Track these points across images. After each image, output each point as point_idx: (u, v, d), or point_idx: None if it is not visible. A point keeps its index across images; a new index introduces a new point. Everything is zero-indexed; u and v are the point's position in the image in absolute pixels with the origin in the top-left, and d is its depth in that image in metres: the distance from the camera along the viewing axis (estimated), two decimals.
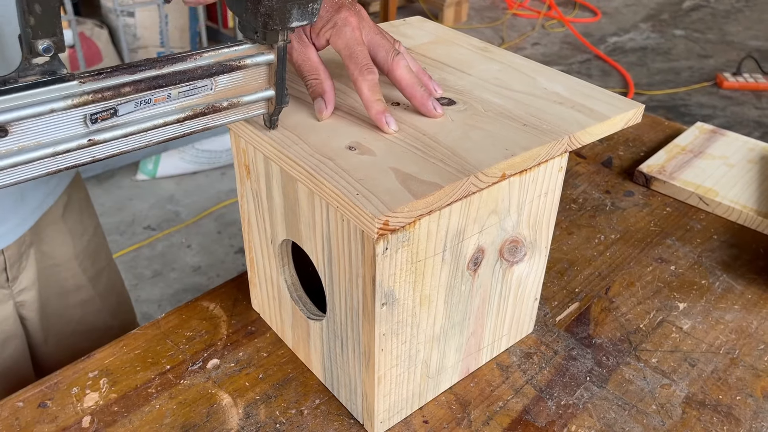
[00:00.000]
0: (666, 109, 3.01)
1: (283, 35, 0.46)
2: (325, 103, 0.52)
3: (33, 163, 0.40)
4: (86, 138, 0.41)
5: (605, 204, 0.88)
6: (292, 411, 0.58)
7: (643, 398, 0.61)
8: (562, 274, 0.76)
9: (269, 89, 0.49)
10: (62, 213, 0.75)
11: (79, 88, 0.39)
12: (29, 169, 0.40)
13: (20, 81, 0.38)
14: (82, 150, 0.41)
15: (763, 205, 0.85)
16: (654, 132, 1.06)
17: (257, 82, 0.48)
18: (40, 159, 0.39)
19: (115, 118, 0.41)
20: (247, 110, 0.49)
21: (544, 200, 0.57)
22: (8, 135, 0.38)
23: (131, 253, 2.05)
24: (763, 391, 0.62)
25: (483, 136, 0.50)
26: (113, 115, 0.41)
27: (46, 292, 0.74)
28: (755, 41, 3.73)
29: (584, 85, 0.59)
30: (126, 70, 0.41)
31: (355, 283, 0.49)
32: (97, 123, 0.41)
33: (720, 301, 0.72)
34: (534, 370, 0.63)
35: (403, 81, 0.53)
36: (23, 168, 0.39)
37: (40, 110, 0.38)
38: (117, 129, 0.42)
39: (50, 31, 0.37)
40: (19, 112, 0.38)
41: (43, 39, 0.37)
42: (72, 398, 0.59)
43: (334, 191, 0.43)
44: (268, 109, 0.50)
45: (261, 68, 0.48)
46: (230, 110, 0.47)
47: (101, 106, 0.41)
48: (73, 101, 0.39)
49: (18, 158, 0.39)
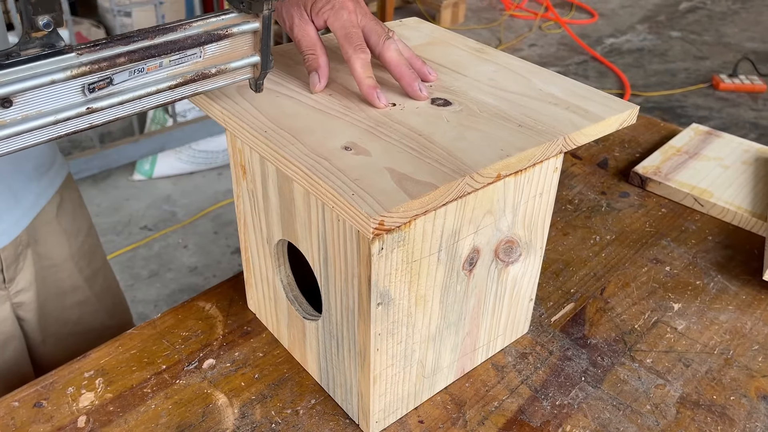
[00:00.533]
0: (662, 111, 3.02)
1: (268, 5, 0.49)
2: (318, 77, 0.56)
3: (36, 131, 0.42)
4: (84, 106, 0.43)
5: (601, 205, 0.89)
6: (288, 411, 0.58)
7: (638, 398, 0.61)
8: (557, 275, 0.76)
9: (255, 55, 0.51)
10: (56, 213, 0.75)
11: (77, 60, 0.41)
12: (32, 137, 0.42)
13: (22, 54, 0.40)
14: (81, 117, 0.43)
15: (758, 206, 0.85)
16: (649, 133, 1.06)
17: (243, 48, 0.50)
18: (42, 127, 0.42)
19: (111, 86, 0.44)
20: (234, 75, 0.51)
21: (540, 201, 0.57)
22: (13, 105, 0.40)
23: (128, 253, 2.05)
24: (757, 391, 0.62)
25: (478, 136, 0.50)
26: (109, 84, 0.44)
27: (43, 293, 0.74)
28: (751, 43, 3.74)
29: (579, 87, 0.59)
30: (120, 41, 0.44)
31: (350, 283, 0.49)
32: (94, 92, 0.43)
33: (714, 302, 0.73)
34: (529, 370, 0.64)
35: (393, 62, 0.56)
36: (27, 135, 0.42)
37: (41, 81, 0.40)
38: (113, 97, 0.44)
39: (49, 6, 0.39)
40: (22, 84, 0.40)
41: (43, 15, 0.39)
42: (68, 398, 0.59)
43: (330, 191, 0.43)
44: (254, 74, 0.52)
45: (247, 36, 0.50)
46: (218, 76, 0.50)
47: (98, 76, 0.43)
48: (72, 72, 0.41)
49: (22, 126, 0.41)
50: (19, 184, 0.68)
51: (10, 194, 0.67)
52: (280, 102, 0.54)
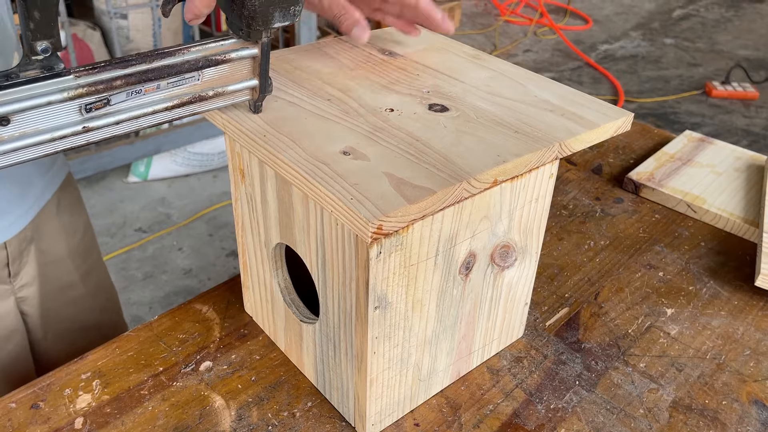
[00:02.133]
0: (656, 117, 3.04)
1: (267, 33, 0.50)
2: (361, 28, 0.61)
3: (32, 148, 0.44)
4: (81, 125, 0.45)
5: (595, 210, 0.89)
6: (284, 413, 0.59)
7: (631, 402, 0.62)
8: (552, 280, 0.77)
9: (253, 79, 0.52)
10: (56, 211, 0.76)
11: (74, 82, 0.43)
12: (29, 153, 0.44)
13: (21, 76, 0.41)
14: (77, 136, 0.45)
15: (750, 212, 0.86)
16: (643, 140, 1.07)
17: (242, 72, 0.52)
18: (39, 144, 0.44)
19: (108, 107, 0.46)
20: (232, 98, 0.52)
21: (535, 206, 0.58)
22: (11, 123, 0.42)
23: (122, 255, 2.04)
24: (749, 396, 0.63)
25: (475, 142, 0.51)
26: (106, 104, 0.45)
27: (45, 288, 0.76)
28: (744, 50, 3.77)
29: (574, 93, 0.60)
30: (118, 64, 0.45)
31: (348, 286, 0.50)
32: (91, 112, 0.45)
33: (707, 307, 0.74)
34: (524, 374, 0.64)
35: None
36: (23, 151, 0.43)
37: (38, 102, 0.42)
38: (110, 117, 0.46)
39: (48, 33, 0.40)
40: (20, 104, 0.42)
41: (42, 41, 0.40)
42: (65, 399, 0.59)
43: (329, 195, 0.44)
44: (252, 96, 0.53)
45: (246, 60, 0.51)
46: (216, 98, 0.51)
47: (95, 98, 0.45)
48: (69, 94, 0.43)
49: (19, 143, 0.43)
50: (24, 179, 0.70)
51: (16, 188, 0.69)
52: (278, 106, 0.54)
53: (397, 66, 0.63)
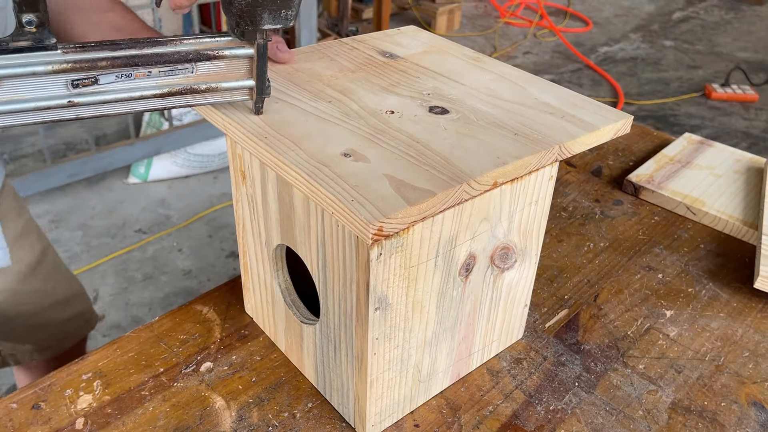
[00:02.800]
0: (655, 119, 3.04)
1: (262, 35, 0.50)
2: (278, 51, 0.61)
3: (19, 114, 0.46)
4: (66, 99, 0.47)
5: (595, 212, 0.90)
6: (285, 414, 0.59)
7: (630, 404, 0.62)
8: (551, 281, 0.77)
9: (250, 79, 0.52)
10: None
11: (61, 57, 0.46)
12: (16, 118, 0.46)
13: (10, 45, 0.44)
14: (63, 109, 0.47)
15: (749, 215, 0.87)
16: (643, 142, 1.07)
17: (239, 71, 0.52)
18: (24, 111, 0.46)
19: (96, 86, 0.48)
20: (228, 95, 0.53)
21: (535, 208, 0.58)
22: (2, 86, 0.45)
23: (122, 256, 2.04)
24: (748, 397, 0.63)
25: (475, 144, 0.51)
26: (94, 83, 0.47)
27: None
28: (743, 53, 3.78)
29: (574, 96, 0.60)
30: (107, 46, 0.47)
31: (348, 287, 0.50)
32: (78, 88, 0.47)
33: (706, 309, 0.74)
34: (523, 375, 0.64)
35: None
36: (10, 116, 0.46)
37: (21, 71, 0.45)
38: (97, 95, 0.48)
39: (34, 7, 0.43)
40: (6, 70, 0.44)
41: (27, 13, 0.43)
42: (65, 400, 0.60)
43: (330, 197, 0.44)
44: (251, 97, 0.53)
45: (243, 60, 0.52)
46: (209, 93, 0.52)
47: (81, 75, 0.47)
48: (53, 68, 0.46)
49: (5, 107, 0.46)
50: None
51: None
52: (279, 108, 0.55)
53: (397, 68, 0.63)
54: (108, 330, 1.79)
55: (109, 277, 1.97)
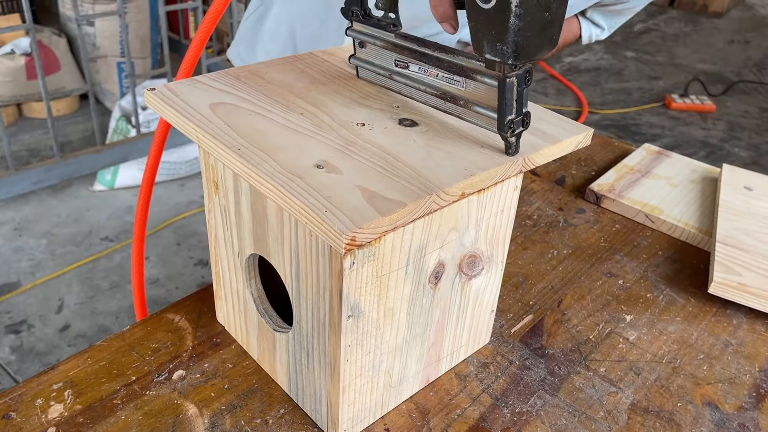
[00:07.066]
0: (618, 128, 3.12)
1: (500, 68, 0.50)
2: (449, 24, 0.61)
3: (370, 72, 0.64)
4: (389, 72, 0.62)
5: (558, 221, 0.93)
6: (258, 420, 0.60)
7: (592, 405, 0.64)
8: (517, 288, 0.79)
9: (493, 111, 0.53)
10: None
11: (390, 38, 0.60)
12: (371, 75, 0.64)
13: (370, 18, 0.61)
14: (387, 79, 0.62)
15: (704, 223, 0.90)
16: (605, 152, 1.11)
17: (493, 100, 0.53)
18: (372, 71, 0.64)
19: (407, 70, 0.60)
20: (479, 119, 0.56)
21: (501, 217, 0.60)
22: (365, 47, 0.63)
23: (88, 264, 2.02)
24: (702, 398, 0.66)
25: (444, 156, 0.53)
26: (406, 67, 0.60)
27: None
28: (702, 64, 3.90)
29: (537, 109, 0.62)
30: (414, 41, 0.59)
31: (322, 296, 0.51)
32: (398, 67, 0.61)
33: (663, 314, 0.77)
34: (490, 379, 0.66)
35: None
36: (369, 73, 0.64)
37: (371, 40, 0.62)
38: (406, 78, 0.60)
39: None
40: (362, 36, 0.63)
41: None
42: (36, 410, 0.59)
43: (304, 208, 0.45)
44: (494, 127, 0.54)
45: (494, 89, 0.52)
46: (465, 110, 0.57)
47: (398, 57, 0.60)
48: (383, 44, 0.61)
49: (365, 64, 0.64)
50: None
51: None
52: (251, 120, 0.56)
53: (368, 84, 0.65)
54: (74, 339, 1.77)
55: (75, 285, 1.94)
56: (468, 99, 0.55)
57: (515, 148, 0.53)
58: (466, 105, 0.56)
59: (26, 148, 2.55)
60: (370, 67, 0.63)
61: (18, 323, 1.81)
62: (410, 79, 0.60)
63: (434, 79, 0.58)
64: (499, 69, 0.50)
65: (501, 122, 0.52)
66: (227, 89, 0.60)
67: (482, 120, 0.55)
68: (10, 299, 1.89)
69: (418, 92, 0.60)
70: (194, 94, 0.59)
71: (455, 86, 0.56)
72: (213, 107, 0.57)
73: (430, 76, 0.58)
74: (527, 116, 0.52)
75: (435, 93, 0.58)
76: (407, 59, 0.59)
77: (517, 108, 0.51)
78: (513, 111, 0.51)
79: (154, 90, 0.59)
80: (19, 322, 1.82)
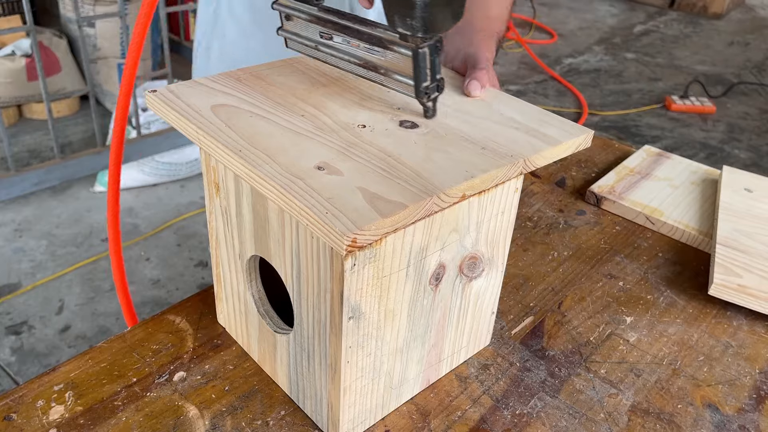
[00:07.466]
0: (618, 130, 3.12)
1: (415, 41, 0.55)
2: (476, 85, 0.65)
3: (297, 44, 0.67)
4: (315, 44, 0.65)
5: (558, 222, 0.93)
6: (258, 422, 0.60)
7: (593, 407, 0.64)
8: (517, 289, 0.79)
9: (410, 78, 0.58)
10: None
11: (314, 12, 0.63)
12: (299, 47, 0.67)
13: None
14: (313, 50, 0.65)
15: (704, 224, 0.91)
16: (605, 154, 1.11)
17: (409, 68, 0.57)
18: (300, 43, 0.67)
19: (331, 41, 0.63)
20: (398, 86, 0.60)
21: (501, 219, 0.60)
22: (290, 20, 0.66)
23: (89, 265, 2.02)
24: (702, 400, 0.66)
25: (444, 158, 0.53)
26: (330, 38, 0.63)
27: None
28: (702, 66, 3.90)
29: (538, 111, 0.62)
30: (337, 14, 0.62)
31: (323, 297, 0.51)
32: (323, 38, 0.64)
33: (664, 315, 0.77)
34: (491, 380, 0.66)
35: None
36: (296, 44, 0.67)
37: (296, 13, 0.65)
38: (331, 49, 0.63)
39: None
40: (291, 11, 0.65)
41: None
42: (37, 411, 0.60)
43: (305, 210, 0.45)
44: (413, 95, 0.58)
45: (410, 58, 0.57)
46: (386, 77, 0.60)
47: (324, 29, 0.63)
48: (307, 17, 0.64)
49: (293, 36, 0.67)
50: None
51: None
52: (253, 122, 0.56)
53: (368, 83, 0.65)
54: (74, 341, 1.77)
55: (76, 286, 1.94)
56: (388, 68, 0.60)
57: (432, 112, 0.59)
58: (387, 73, 0.60)
59: (27, 149, 2.55)
60: (298, 38, 0.66)
61: (18, 324, 1.81)
62: (335, 49, 0.63)
63: (357, 50, 0.61)
64: (411, 41, 0.55)
65: (417, 89, 0.57)
66: (228, 91, 0.60)
67: (401, 87, 0.59)
68: (10, 300, 1.89)
69: (342, 62, 0.63)
70: (195, 95, 0.59)
71: (376, 56, 0.60)
72: (214, 109, 0.57)
73: (352, 46, 0.61)
74: (441, 81, 0.58)
75: (358, 63, 0.62)
76: (330, 31, 0.62)
77: (431, 75, 0.57)
78: (428, 78, 0.57)
79: (156, 92, 0.59)
80: (20, 323, 1.82)
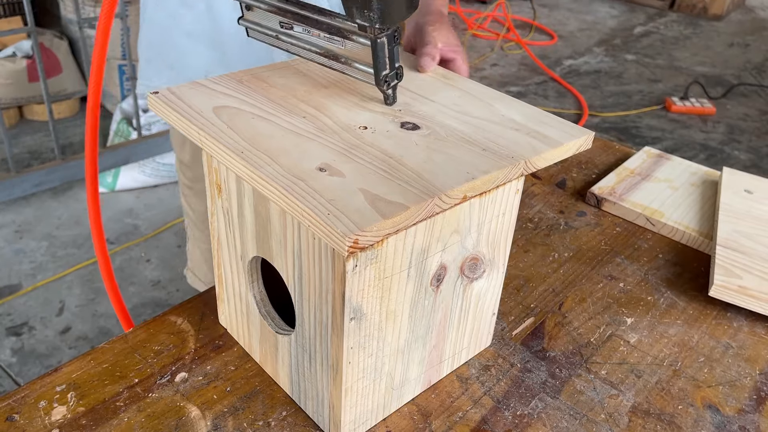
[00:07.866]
0: (618, 131, 3.12)
1: (372, 31, 0.56)
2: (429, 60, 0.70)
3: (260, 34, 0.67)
4: (276, 34, 0.65)
5: (559, 223, 0.93)
6: (260, 422, 0.60)
7: (593, 408, 0.64)
8: (518, 290, 0.80)
9: (371, 66, 0.59)
10: None
11: (272, 2, 0.62)
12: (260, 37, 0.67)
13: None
14: (275, 39, 0.65)
15: (704, 226, 0.91)
16: (605, 155, 1.11)
17: (368, 57, 0.59)
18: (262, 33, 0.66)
19: (291, 30, 0.64)
20: (359, 74, 0.61)
21: (502, 220, 0.61)
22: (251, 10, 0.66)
23: (89, 266, 2.02)
24: (703, 400, 0.66)
25: (445, 159, 0.53)
26: (290, 28, 0.64)
27: None
28: (701, 67, 3.90)
29: (539, 113, 0.63)
30: (299, 5, 0.62)
31: (324, 298, 0.52)
32: (283, 28, 0.64)
33: (664, 317, 0.77)
34: (492, 381, 0.66)
35: None
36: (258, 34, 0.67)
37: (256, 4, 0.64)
38: (291, 38, 0.64)
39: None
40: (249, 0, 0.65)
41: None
42: (40, 412, 0.60)
43: (307, 211, 0.46)
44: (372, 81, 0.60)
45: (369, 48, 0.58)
46: (346, 66, 0.61)
47: (282, 19, 0.64)
48: (267, 7, 0.63)
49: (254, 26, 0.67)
50: None
51: None
52: (254, 123, 0.56)
53: (368, 85, 0.65)
54: (75, 342, 1.77)
55: (76, 287, 1.94)
56: (348, 57, 0.61)
57: (393, 99, 0.60)
58: (347, 62, 0.61)
59: (27, 150, 2.55)
60: (259, 28, 0.66)
61: (19, 325, 1.81)
62: (295, 38, 0.64)
63: (317, 39, 0.62)
64: (370, 31, 0.56)
65: (377, 77, 0.59)
66: (230, 93, 0.61)
67: (362, 75, 0.61)
68: (11, 301, 1.89)
69: (303, 51, 0.64)
70: (197, 97, 0.59)
71: (336, 45, 0.61)
72: (216, 110, 0.57)
73: (313, 36, 0.63)
74: (400, 69, 0.60)
75: (319, 52, 0.63)
76: (290, 21, 0.63)
77: (390, 64, 0.58)
78: (387, 66, 0.58)
79: (158, 93, 0.59)
80: (20, 324, 1.82)
